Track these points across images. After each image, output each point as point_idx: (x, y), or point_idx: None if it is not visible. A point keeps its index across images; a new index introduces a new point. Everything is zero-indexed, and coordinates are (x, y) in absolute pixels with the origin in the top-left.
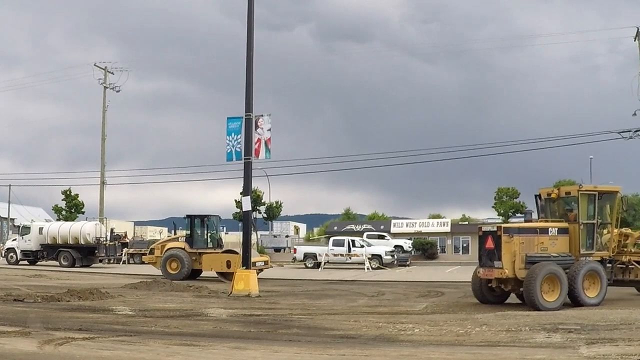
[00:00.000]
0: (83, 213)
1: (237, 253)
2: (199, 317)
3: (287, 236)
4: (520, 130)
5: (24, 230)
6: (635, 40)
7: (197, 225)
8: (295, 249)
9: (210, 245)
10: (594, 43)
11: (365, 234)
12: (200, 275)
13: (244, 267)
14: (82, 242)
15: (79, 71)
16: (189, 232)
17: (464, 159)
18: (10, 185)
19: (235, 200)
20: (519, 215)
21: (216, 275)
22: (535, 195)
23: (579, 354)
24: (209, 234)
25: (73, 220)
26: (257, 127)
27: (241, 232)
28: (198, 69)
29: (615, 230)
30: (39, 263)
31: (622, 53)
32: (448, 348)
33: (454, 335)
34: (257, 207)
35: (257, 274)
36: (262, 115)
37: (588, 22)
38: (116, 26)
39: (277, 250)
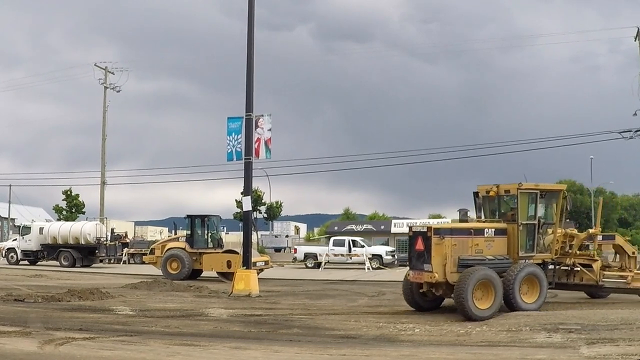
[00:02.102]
0: (84, 213)
1: (237, 253)
2: (200, 317)
3: (287, 236)
4: (520, 130)
5: (25, 230)
6: (635, 40)
7: (198, 225)
8: (295, 249)
9: (210, 245)
10: (594, 43)
11: (332, 239)
12: (201, 275)
13: (245, 267)
14: (83, 242)
15: (79, 71)
16: (189, 232)
17: (464, 159)
18: (10, 185)
19: (236, 200)
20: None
21: (217, 275)
22: (474, 193)
23: (580, 354)
24: (209, 234)
25: (73, 220)
26: (257, 127)
27: (241, 232)
28: (198, 69)
29: (559, 231)
30: (39, 263)
31: (622, 53)
32: (448, 348)
33: (454, 335)
34: (258, 207)
35: (258, 274)
36: (262, 115)
37: (588, 22)
38: (116, 26)
39: (278, 250)
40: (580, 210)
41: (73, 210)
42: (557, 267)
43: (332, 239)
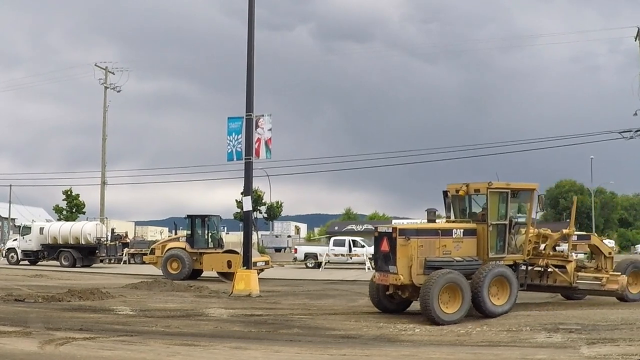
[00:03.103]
0: (84, 213)
1: (237, 253)
2: (200, 317)
3: (288, 236)
4: (520, 130)
5: (25, 230)
6: (635, 40)
7: (198, 225)
8: (296, 249)
9: (211, 245)
10: (594, 43)
11: (333, 239)
12: (201, 275)
13: (245, 267)
14: (83, 242)
15: (79, 71)
16: (189, 232)
17: (464, 159)
18: (11, 186)
19: (236, 200)
20: (519, 215)
21: (217, 275)
22: (443, 192)
23: (580, 353)
24: (209, 234)
25: (74, 221)
26: (257, 127)
27: (242, 232)
28: (198, 69)
29: (532, 231)
30: (39, 263)
31: (622, 53)
32: (449, 348)
33: (454, 335)
34: (258, 207)
35: (258, 274)
36: (262, 115)
37: (588, 22)
38: (116, 26)
39: (278, 250)
40: (580, 211)
41: (73, 211)
42: (530, 268)
43: (332, 239)
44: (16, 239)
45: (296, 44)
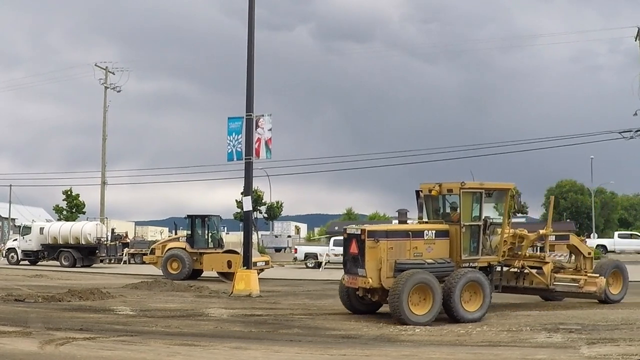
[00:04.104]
0: (84, 213)
1: (238, 253)
2: (200, 317)
3: (288, 236)
4: (520, 130)
5: (25, 230)
6: (635, 40)
7: (198, 225)
8: (296, 249)
9: (211, 245)
10: (594, 43)
11: (333, 239)
12: (201, 275)
13: (245, 267)
14: (83, 242)
15: (79, 71)
16: (189, 232)
17: (465, 159)
18: (11, 186)
19: (236, 200)
20: (519, 215)
21: (217, 275)
22: (416, 192)
23: (580, 354)
24: (209, 234)
25: (74, 221)
26: (257, 127)
27: (242, 232)
28: (198, 69)
29: (508, 232)
30: (39, 263)
31: (622, 53)
32: (449, 348)
33: (454, 335)
34: (258, 207)
35: (258, 274)
36: (262, 115)
37: (588, 22)
38: (116, 26)
39: (278, 250)
40: (580, 211)
41: (73, 211)
42: (507, 269)
43: (332, 239)
44: (16, 239)
45: (296, 44)
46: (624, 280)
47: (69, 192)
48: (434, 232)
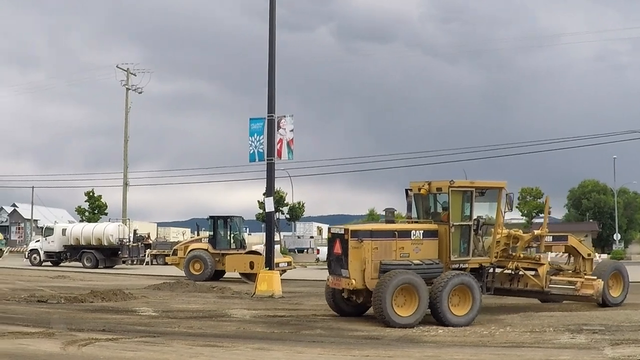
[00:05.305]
0: (106, 214)
1: (260, 254)
2: (222, 318)
3: (311, 237)
4: (542, 130)
5: (47, 231)
6: None
7: (220, 226)
8: (318, 250)
9: (233, 246)
10: (616, 42)
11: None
12: (223, 276)
13: (267, 268)
14: (105, 243)
15: (100, 73)
16: (212, 233)
17: (487, 159)
18: (33, 187)
19: (258, 201)
20: (541, 215)
21: (239, 276)
22: (405, 190)
23: (604, 355)
24: (232, 235)
25: (96, 222)
26: (279, 127)
27: (264, 233)
28: (219, 69)
29: (502, 232)
30: (62, 264)
31: None
32: (472, 349)
33: (477, 336)
34: (280, 208)
35: (280, 274)
36: (284, 116)
37: (610, 21)
38: (136, 27)
39: (301, 251)
40: (603, 211)
41: (95, 212)
42: (500, 271)
43: None
44: (39, 240)
45: (317, 44)
46: (625, 283)
47: (90, 194)
48: (421, 232)
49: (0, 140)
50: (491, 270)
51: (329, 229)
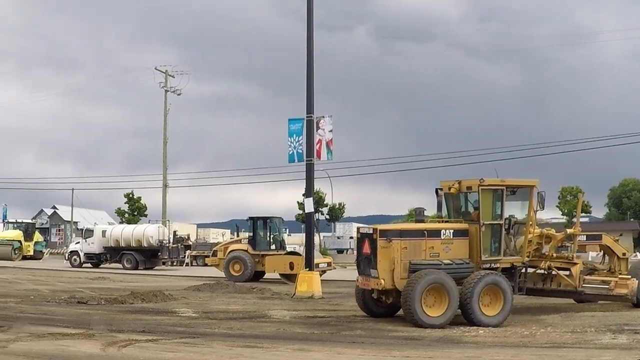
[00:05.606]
0: (146, 216)
1: (299, 255)
2: (262, 319)
3: (350, 237)
4: (581, 129)
5: (88, 233)
6: None
7: (260, 227)
8: None
9: (273, 247)
10: None
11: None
12: (263, 277)
13: (307, 269)
14: (145, 245)
15: (139, 75)
16: (251, 234)
17: (525, 158)
18: (73, 189)
19: (298, 202)
20: (582, 215)
21: (279, 277)
22: (436, 189)
23: None
24: (271, 236)
25: (136, 223)
26: (318, 128)
27: (304, 234)
28: (257, 70)
29: (534, 231)
30: (102, 266)
31: None
32: (513, 350)
33: (518, 336)
34: (320, 209)
35: (320, 275)
36: (323, 117)
37: None
38: (173, 29)
39: (340, 251)
40: None
41: (135, 213)
42: (533, 270)
43: None
44: (79, 242)
45: (355, 44)
46: None
47: (130, 195)
48: (451, 231)
49: (41, 143)
50: (523, 270)
51: (358, 229)
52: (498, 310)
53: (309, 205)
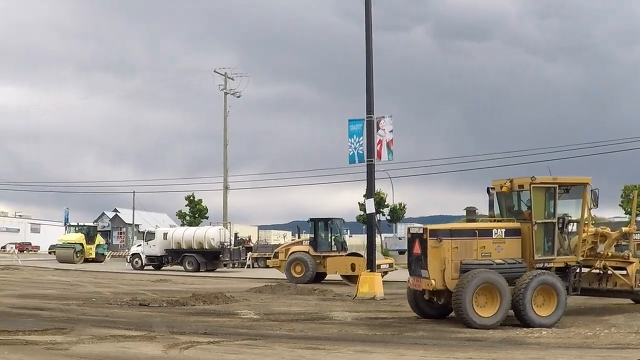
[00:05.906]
0: (207, 218)
1: (361, 256)
2: (324, 321)
3: None
4: None
5: (149, 235)
6: None
7: (321, 228)
8: None
9: (334, 248)
10: None
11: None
12: (325, 279)
13: (369, 270)
14: (207, 247)
15: (198, 78)
16: (313, 235)
17: (587, 156)
18: (134, 192)
19: (359, 203)
20: None
21: (341, 279)
22: (487, 189)
23: None
24: (333, 237)
25: (197, 226)
26: (378, 128)
27: (365, 235)
28: (316, 71)
29: (588, 230)
30: (163, 268)
31: None
32: (576, 351)
33: (582, 337)
34: (381, 210)
35: (382, 276)
36: (383, 117)
37: None
38: (231, 32)
39: (402, 252)
40: None
41: (196, 216)
42: (588, 270)
43: None
44: (140, 245)
45: (414, 44)
46: None
47: (191, 198)
48: (503, 230)
49: (102, 147)
50: (577, 269)
51: (408, 229)
52: (551, 311)
53: (370, 206)
